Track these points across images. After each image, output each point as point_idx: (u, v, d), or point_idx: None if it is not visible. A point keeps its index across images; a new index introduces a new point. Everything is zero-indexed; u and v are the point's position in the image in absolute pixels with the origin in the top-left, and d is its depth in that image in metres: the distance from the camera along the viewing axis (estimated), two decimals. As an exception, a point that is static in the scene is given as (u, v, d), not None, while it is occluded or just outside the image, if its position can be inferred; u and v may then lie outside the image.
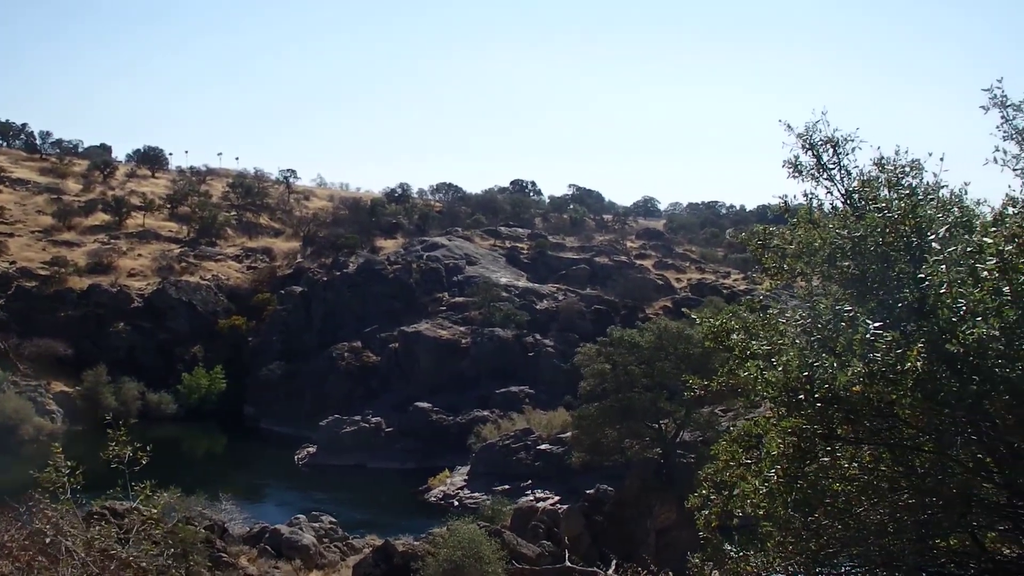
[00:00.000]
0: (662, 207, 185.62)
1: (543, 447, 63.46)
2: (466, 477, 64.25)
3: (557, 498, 56.72)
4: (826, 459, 10.62)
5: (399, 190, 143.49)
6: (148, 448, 13.88)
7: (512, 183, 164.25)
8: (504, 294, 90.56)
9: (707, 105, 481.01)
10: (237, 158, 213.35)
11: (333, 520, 44.70)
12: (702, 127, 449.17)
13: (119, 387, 76.06)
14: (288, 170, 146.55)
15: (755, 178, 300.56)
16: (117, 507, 21.74)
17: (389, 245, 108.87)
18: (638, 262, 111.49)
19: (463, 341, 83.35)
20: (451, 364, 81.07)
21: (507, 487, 59.30)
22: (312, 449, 72.40)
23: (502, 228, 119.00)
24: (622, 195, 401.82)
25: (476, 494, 59.59)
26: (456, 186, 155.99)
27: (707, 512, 12.27)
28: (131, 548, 12.73)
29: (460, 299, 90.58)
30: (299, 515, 44.28)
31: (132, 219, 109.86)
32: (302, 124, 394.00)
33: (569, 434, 57.17)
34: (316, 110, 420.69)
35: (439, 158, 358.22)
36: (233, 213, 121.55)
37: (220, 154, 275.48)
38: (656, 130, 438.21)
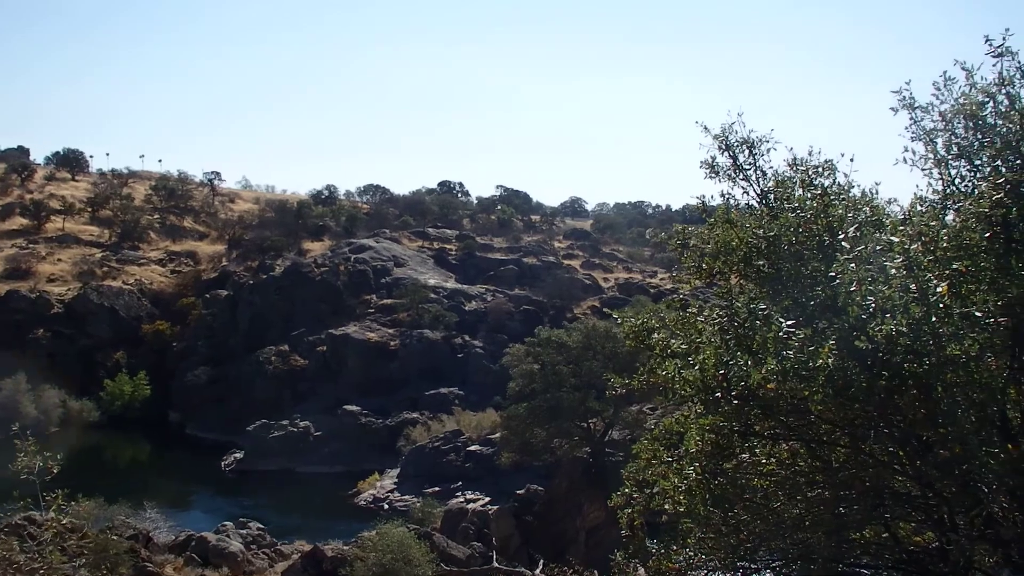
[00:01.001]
0: (589, 207, 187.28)
1: (473, 448, 63.42)
2: (396, 480, 63.85)
3: (487, 499, 56.73)
4: (745, 456, 10.78)
5: (326, 192, 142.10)
6: (59, 457, 13.47)
7: (440, 184, 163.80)
8: (432, 295, 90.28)
9: (633, 105, 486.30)
10: (160, 160, 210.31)
11: (261, 526, 43.98)
12: (629, 127, 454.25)
13: (39, 395, 73.49)
14: (212, 172, 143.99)
15: (681, 177, 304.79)
16: (37, 518, 21.10)
17: (316, 247, 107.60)
18: (566, 262, 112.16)
19: (392, 343, 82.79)
20: (380, 366, 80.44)
21: (437, 489, 59.07)
22: (239, 454, 71.14)
23: (430, 229, 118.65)
24: (549, 196, 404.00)
25: (406, 497, 59.29)
26: (383, 188, 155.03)
27: (630, 511, 12.36)
28: (42, 559, 12.33)
29: (388, 301, 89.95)
30: (226, 522, 43.38)
31: (51, 223, 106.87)
32: (227, 125, 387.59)
33: (498, 435, 57.21)
34: (241, 111, 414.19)
35: (366, 159, 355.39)
36: (156, 216, 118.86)
37: (142, 156, 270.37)
38: (583, 130, 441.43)
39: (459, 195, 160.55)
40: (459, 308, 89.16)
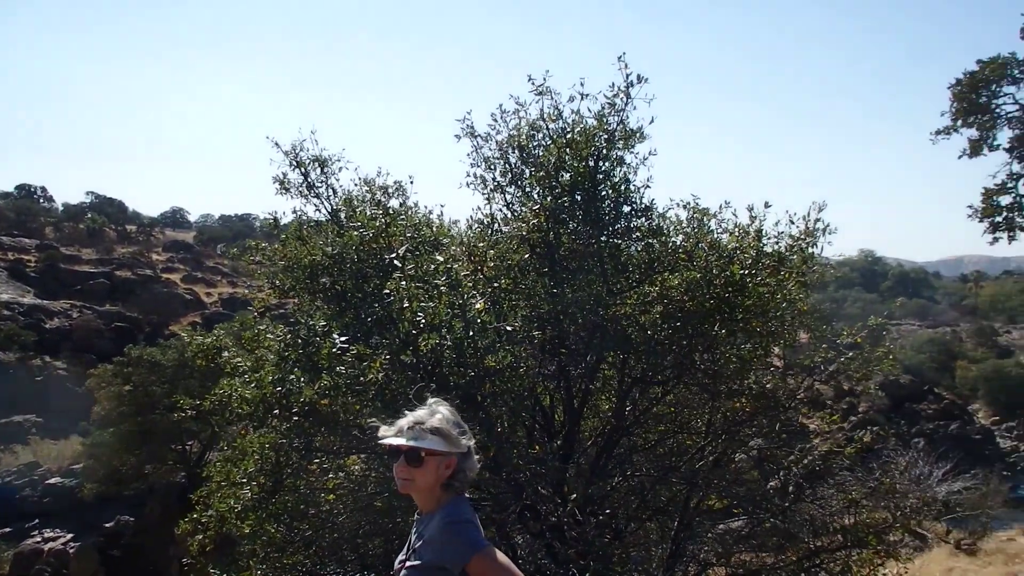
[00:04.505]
0: (192, 218, 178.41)
1: (53, 481, 57.27)
2: (-45, 524, 56.00)
3: (70, 536, 51.60)
4: (314, 471, 10.84)
5: None
6: None
7: (17, 188, 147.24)
8: (6, 312, 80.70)
9: (239, 115, 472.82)
10: None
11: None
12: (235, 137, 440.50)
13: None
14: None
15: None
16: None
17: None
18: (165, 276, 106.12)
19: (-47, 367, 72.67)
20: (-63, 395, 70.21)
21: (8, 530, 52.50)
22: None
23: (4, 238, 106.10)
24: (148, 205, 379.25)
25: (-32, 543, 52.20)
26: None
27: (201, 536, 11.86)
28: None
29: (-51, 319, 78.94)
30: None
31: None
32: None
33: (82, 465, 52.57)
34: None
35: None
36: None
37: None
38: (186, 137, 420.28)
39: (41, 201, 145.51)
40: (38, 326, 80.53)
